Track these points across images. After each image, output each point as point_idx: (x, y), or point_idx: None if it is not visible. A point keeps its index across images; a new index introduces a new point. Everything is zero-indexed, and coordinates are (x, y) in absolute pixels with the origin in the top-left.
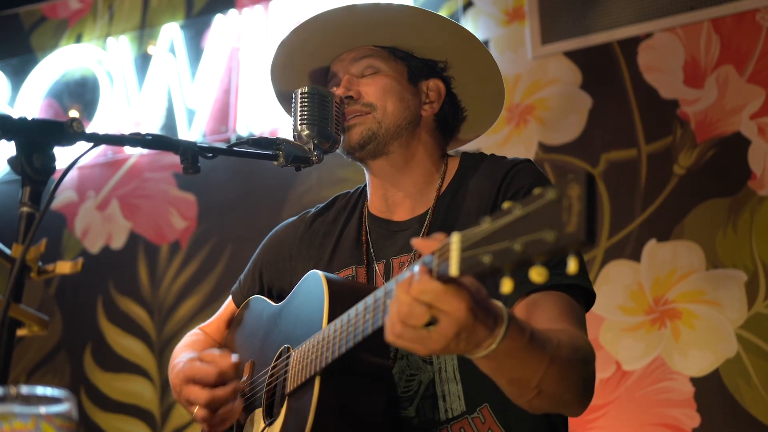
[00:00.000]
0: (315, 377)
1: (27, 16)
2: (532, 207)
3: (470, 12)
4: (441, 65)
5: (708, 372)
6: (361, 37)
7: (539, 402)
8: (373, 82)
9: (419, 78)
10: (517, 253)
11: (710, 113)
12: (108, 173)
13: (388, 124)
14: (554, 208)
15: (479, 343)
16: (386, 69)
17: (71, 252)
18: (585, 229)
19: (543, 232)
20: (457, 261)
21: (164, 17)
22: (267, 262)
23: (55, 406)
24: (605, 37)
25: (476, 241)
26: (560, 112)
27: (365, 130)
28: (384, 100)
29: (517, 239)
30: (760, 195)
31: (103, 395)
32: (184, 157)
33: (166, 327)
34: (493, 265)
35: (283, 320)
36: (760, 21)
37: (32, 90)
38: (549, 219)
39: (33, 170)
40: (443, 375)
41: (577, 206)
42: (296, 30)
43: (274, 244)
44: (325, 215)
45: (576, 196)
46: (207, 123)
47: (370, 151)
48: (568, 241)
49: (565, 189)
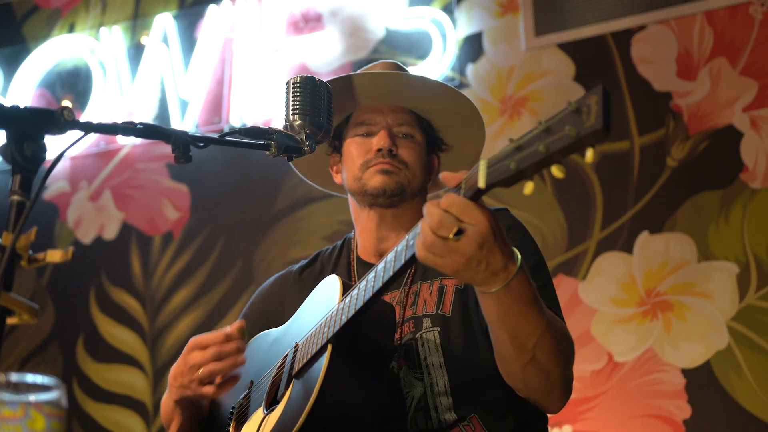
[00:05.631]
0: (327, 344)
1: (19, 6)
2: (554, 120)
3: (464, 4)
4: (444, 147)
5: (699, 363)
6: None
7: (531, 371)
8: (410, 148)
9: (431, 152)
10: (540, 152)
11: (703, 106)
12: (101, 163)
13: (414, 187)
14: (575, 115)
15: (497, 272)
16: (418, 137)
17: (64, 242)
18: (603, 119)
19: (565, 130)
20: (484, 175)
21: (157, 7)
22: (258, 313)
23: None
24: (599, 30)
25: (501, 158)
26: (553, 104)
27: (399, 182)
28: (416, 165)
29: (540, 143)
30: (752, 187)
31: (95, 386)
32: (176, 147)
33: (159, 318)
34: (519, 168)
35: (290, 331)
36: (753, 14)
37: (24, 80)
38: (570, 122)
39: (23, 159)
40: (435, 389)
41: (595, 108)
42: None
43: (264, 297)
44: (311, 267)
45: (594, 102)
46: (200, 114)
47: (395, 201)
48: (588, 131)
49: (583, 101)
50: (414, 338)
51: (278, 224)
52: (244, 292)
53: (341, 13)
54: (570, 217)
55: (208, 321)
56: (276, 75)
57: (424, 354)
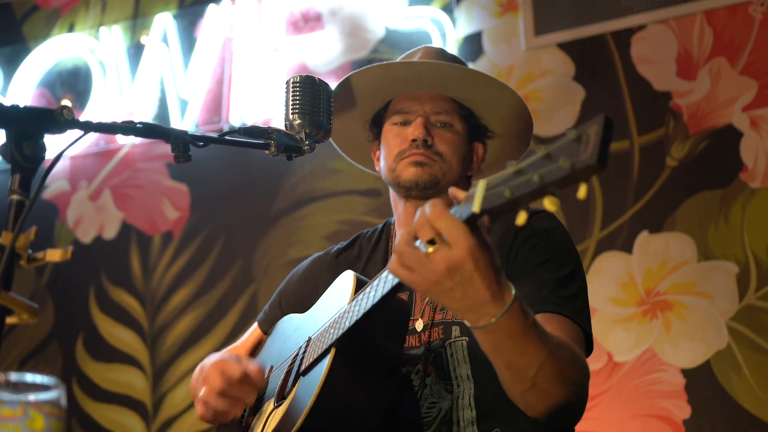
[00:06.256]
0: (330, 348)
1: (19, 5)
2: (553, 146)
3: (464, 3)
4: (489, 134)
5: (699, 363)
6: (442, 85)
7: (532, 397)
8: (447, 138)
9: (474, 139)
10: (534, 182)
11: (703, 105)
12: (100, 163)
13: (449, 178)
14: (574, 144)
15: (477, 306)
16: (458, 126)
17: (63, 242)
18: (598, 153)
19: (560, 161)
20: (480, 199)
21: (157, 7)
22: (292, 294)
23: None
24: (598, 29)
25: (499, 182)
26: (553, 104)
27: (433, 174)
28: (452, 156)
29: (537, 172)
30: (751, 187)
31: (95, 385)
32: (175, 146)
33: (158, 317)
34: (513, 197)
35: (308, 322)
36: (752, 13)
37: (24, 79)
38: (568, 153)
39: (23, 158)
40: (460, 402)
41: (593, 139)
42: (386, 66)
43: (300, 278)
44: (349, 251)
45: (594, 132)
46: (200, 113)
47: (428, 195)
48: (582, 165)
49: (585, 130)
50: (443, 346)
51: (278, 224)
52: (244, 292)
53: (341, 13)
54: (569, 216)
55: (207, 321)
56: (276, 74)
57: (453, 365)
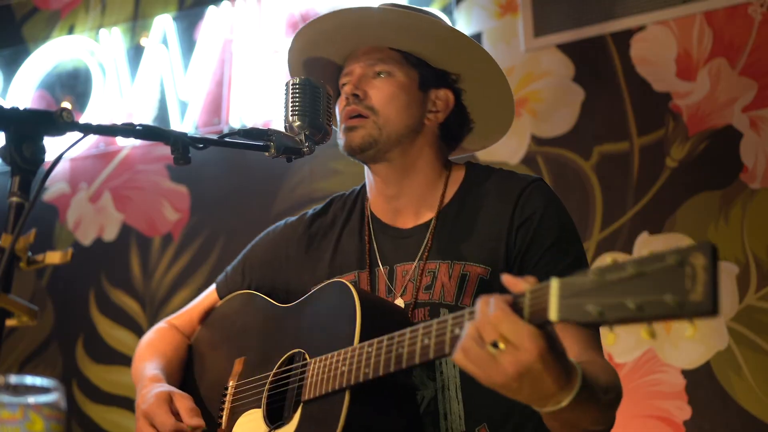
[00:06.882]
0: (345, 390)
1: (19, 7)
2: (648, 267)
3: (463, 4)
4: (453, 77)
5: (699, 364)
6: (379, 36)
7: None
8: (382, 87)
9: (429, 86)
10: (630, 310)
11: (702, 106)
12: (100, 165)
13: (389, 131)
14: (675, 273)
15: (547, 396)
16: (399, 74)
17: (63, 244)
18: (712, 299)
19: (663, 295)
20: (556, 306)
21: (157, 9)
22: (260, 260)
23: (44, 396)
24: (598, 30)
25: (579, 291)
26: (553, 105)
27: (366, 135)
28: (388, 108)
29: (630, 297)
30: (751, 188)
31: (95, 387)
32: (175, 148)
33: (158, 319)
34: (602, 317)
35: (294, 324)
36: (752, 14)
37: (24, 81)
38: (669, 283)
39: (22, 160)
40: (446, 394)
41: (702, 276)
42: (317, 21)
43: (270, 243)
44: (323, 217)
45: (701, 266)
46: (200, 115)
47: (370, 156)
48: (693, 309)
49: (687, 256)
50: None
51: None
52: None
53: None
54: None
55: None
56: (275, 76)
57: None
